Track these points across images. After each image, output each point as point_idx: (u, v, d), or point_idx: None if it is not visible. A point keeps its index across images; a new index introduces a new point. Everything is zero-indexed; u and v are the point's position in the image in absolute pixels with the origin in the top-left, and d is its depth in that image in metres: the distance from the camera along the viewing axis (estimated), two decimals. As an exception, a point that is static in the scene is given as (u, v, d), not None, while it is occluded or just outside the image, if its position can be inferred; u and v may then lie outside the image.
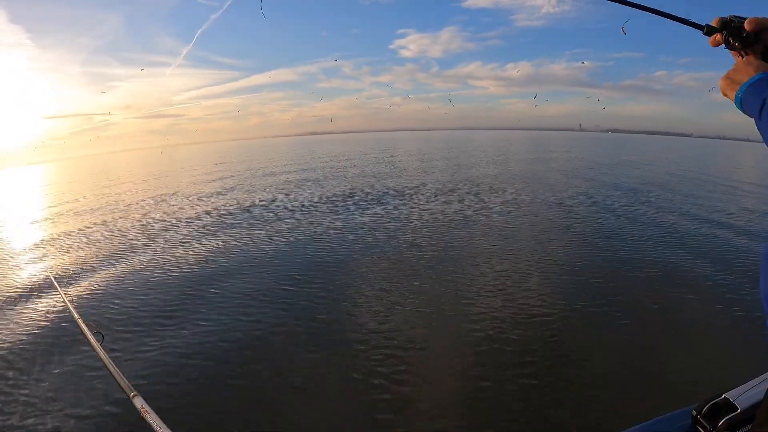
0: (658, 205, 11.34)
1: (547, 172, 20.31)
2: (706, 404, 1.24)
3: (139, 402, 0.95)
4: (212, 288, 5.76)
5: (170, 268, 6.76)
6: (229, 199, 13.59)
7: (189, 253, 7.58)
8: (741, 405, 1.21)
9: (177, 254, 7.51)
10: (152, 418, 0.85)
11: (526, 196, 12.81)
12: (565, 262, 6.53)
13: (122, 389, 1.09)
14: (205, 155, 55.96)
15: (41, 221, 12.71)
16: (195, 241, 8.36)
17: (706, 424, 1.22)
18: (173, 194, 16.12)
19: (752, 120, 0.73)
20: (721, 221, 9.26)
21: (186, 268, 6.70)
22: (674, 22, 0.90)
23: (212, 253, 7.49)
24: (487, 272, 6.13)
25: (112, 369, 1.21)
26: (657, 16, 0.89)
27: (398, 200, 11.94)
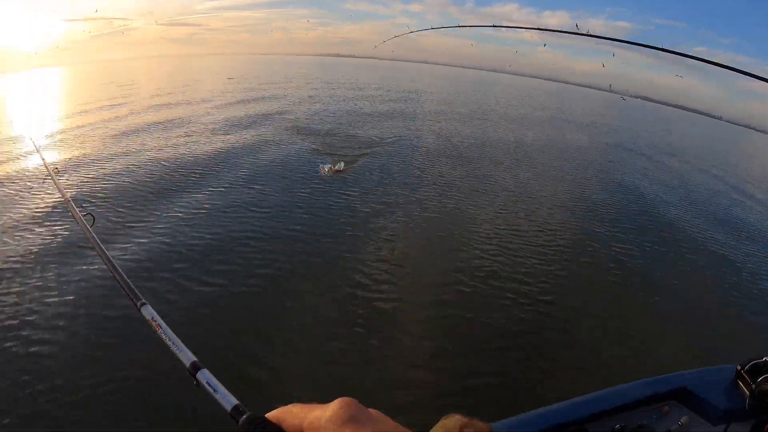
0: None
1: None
2: (749, 362, 1.45)
3: (147, 312, 0.95)
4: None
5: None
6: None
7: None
8: None
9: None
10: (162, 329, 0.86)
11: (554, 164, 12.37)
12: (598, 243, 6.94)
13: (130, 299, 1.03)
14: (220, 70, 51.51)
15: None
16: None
17: (747, 378, 1.42)
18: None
19: None
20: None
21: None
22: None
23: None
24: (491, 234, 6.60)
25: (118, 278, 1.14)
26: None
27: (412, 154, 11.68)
